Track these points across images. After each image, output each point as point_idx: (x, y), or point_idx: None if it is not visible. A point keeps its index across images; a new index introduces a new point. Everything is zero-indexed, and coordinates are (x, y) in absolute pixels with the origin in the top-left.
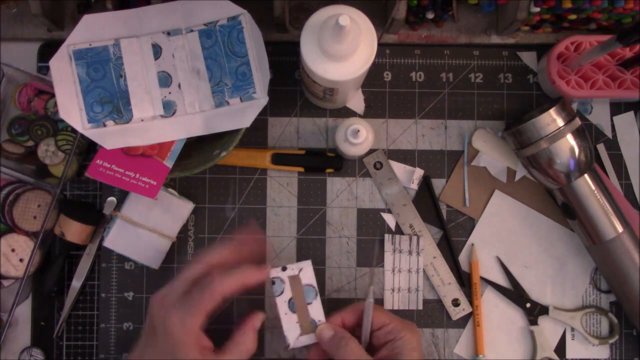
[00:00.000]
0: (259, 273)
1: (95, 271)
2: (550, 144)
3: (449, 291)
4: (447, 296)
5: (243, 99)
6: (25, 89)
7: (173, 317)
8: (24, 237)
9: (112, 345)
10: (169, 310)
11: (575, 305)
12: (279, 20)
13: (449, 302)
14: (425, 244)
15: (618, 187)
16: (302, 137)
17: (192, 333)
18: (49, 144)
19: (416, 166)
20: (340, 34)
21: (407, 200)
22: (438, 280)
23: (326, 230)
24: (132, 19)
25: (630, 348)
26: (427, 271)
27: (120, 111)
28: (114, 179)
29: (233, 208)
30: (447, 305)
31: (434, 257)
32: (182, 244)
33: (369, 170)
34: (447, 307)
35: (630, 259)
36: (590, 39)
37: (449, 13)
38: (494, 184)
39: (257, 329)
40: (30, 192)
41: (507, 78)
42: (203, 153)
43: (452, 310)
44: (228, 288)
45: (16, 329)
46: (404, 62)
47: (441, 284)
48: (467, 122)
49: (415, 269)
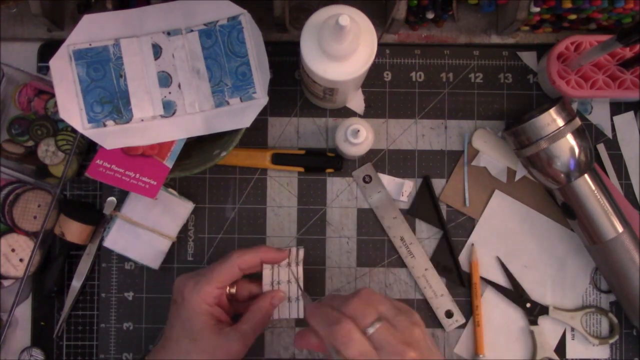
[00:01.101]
0: (277, 252)
1: (95, 271)
2: (550, 144)
3: (441, 303)
4: (440, 308)
5: (243, 99)
6: (25, 89)
7: (190, 282)
8: (24, 237)
9: (112, 345)
10: (188, 279)
11: (575, 305)
12: (279, 20)
13: (442, 314)
14: (417, 256)
15: (618, 187)
16: (302, 137)
17: (206, 299)
18: (49, 144)
19: (416, 166)
20: (340, 34)
21: (397, 212)
22: (431, 292)
23: (326, 230)
24: (132, 19)
25: (630, 348)
26: (420, 283)
27: (120, 111)
28: (114, 179)
29: (233, 208)
30: (440, 317)
31: (425, 269)
32: (182, 244)
33: (357, 183)
34: (440, 319)
35: (630, 259)
36: (590, 39)
37: (449, 13)
38: (494, 184)
39: (275, 305)
40: (30, 192)
41: (507, 78)
42: (203, 153)
43: (446, 321)
44: (244, 261)
45: (16, 329)
46: (404, 62)
47: (434, 296)
48: (467, 122)
49: (294, 280)
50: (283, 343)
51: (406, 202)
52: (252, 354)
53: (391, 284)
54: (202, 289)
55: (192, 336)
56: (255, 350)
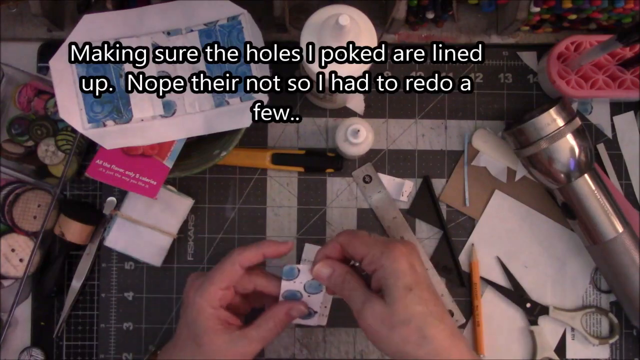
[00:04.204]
0: (280, 246)
1: (95, 271)
2: (550, 144)
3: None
4: None
5: (243, 99)
6: (25, 89)
7: (196, 283)
8: (24, 237)
9: (112, 345)
10: (194, 280)
11: (576, 305)
12: (279, 20)
13: None
14: None
15: (618, 187)
16: (302, 137)
17: (210, 301)
18: (49, 144)
19: (416, 166)
20: (340, 34)
21: (397, 212)
22: None
23: (326, 230)
24: (132, 18)
25: (630, 348)
26: None
27: (120, 111)
28: (114, 179)
29: (233, 208)
30: None
31: (425, 269)
32: (182, 244)
33: (357, 183)
34: None
35: (630, 259)
36: (590, 39)
37: (449, 13)
38: (494, 184)
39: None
40: (30, 192)
41: (507, 78)
42: (203, 153)
43: None
44: (245, 258)
45: (16, 329)
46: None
47: None
48: (467, 122)
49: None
50: (283, 343)
51: (406, 202)
52: None
53: None
54: (206, 290)
55: (196, 340)
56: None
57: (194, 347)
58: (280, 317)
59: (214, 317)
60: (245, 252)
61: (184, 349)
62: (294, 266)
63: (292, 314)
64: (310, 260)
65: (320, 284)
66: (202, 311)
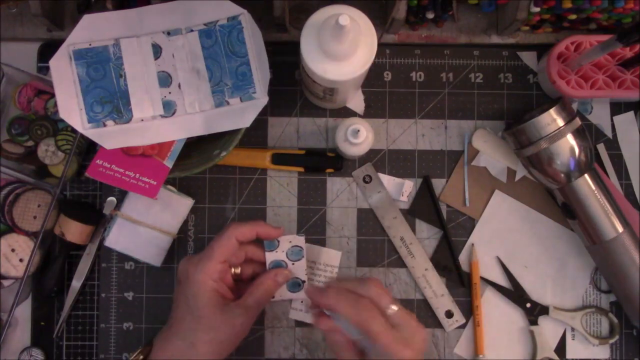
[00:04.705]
0: (272, 229)
1: (95, 271)
2: (551, 144)
3: (441, 303)
4: (440, 308)
5: (243, 99)
6: (25, 89)
7: (194, 260)
8: (24, 237)
9: (112, 345)
10: (191, 259)
11: (576, 305)
12: (279, 20)
13: (442, 313)
14: (417, 256)
15: (618, 187)
16: (302, 137)
17: (210, 274)
18: (49, 144)
19: (416, 166)
20: (340, 34)
21: (397, 212)
22: (430, 292)
23: (326, 230)
24: (132, 18)
25: (631, 348)
26: (420, 283)
27: (120, 111)
28: (114, 179)
29: (233, 208)
30: (440, 317)
31: (425, 269)
32: (182, 244)
33: (357, 183)
34: (440, 319)
35: (630, 259)
36: (590, 39)
37: (449, 13)
38: (494, 184)
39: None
40: (30, 192)
41: (507, 78)
42: (203, 153)
43: (446, 321)
44: (241, 233)
45: (16, 329)
46: (404, 62)
47: (434, 296)
48: (467, 122)
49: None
50: (283, 343)
51: (406, 202)
52: (252, 354)
53: (391, 284)
54: (205, 265)
55: (196, 313)
56: (255, 350)
57: (193, 321)
58: (268, 283)
59: (214, 290)
60: (241, 227)
61: (183, 325)
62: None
63: (278, 280)
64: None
65: (301, 250)
66: (204, 284)
